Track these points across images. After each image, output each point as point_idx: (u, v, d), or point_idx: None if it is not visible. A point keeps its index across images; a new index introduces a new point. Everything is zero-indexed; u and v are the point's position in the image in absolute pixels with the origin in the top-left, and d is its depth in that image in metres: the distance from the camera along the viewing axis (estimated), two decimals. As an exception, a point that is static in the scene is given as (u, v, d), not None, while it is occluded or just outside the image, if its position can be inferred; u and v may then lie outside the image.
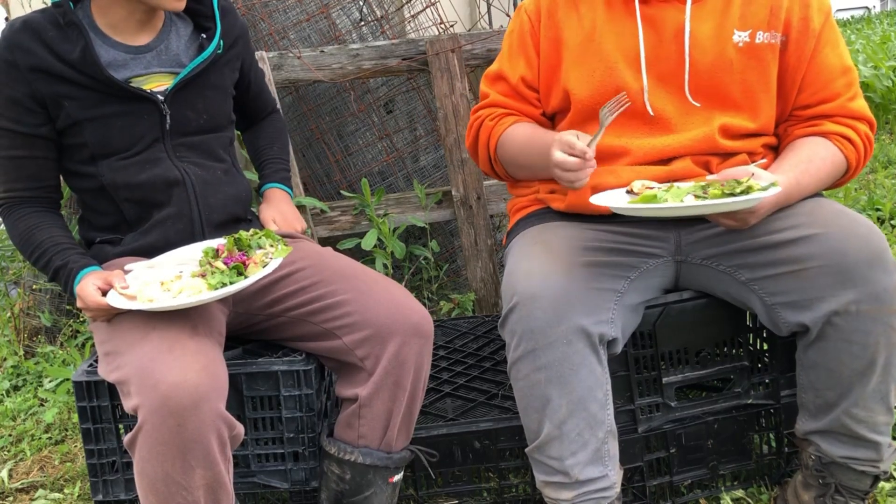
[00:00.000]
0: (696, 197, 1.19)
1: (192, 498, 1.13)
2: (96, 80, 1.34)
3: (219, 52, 1.47)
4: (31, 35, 1.31)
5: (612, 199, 1.27)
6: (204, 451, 1.12)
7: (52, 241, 1.35)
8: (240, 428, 1.21)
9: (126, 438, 1.17)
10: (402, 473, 1.43)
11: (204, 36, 1.47)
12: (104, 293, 1.26)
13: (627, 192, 1.30)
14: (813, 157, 1.37)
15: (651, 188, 1.27)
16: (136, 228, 1.43)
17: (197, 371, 1.13)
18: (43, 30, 1.32)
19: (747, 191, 1.17)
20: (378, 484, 1.39)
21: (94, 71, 1.33)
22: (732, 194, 1.17)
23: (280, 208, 1.63)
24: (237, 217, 1.52)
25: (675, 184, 1.29)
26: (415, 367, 1.35)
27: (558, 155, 1.25)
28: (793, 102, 1.42)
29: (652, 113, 1.39)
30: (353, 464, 1.37)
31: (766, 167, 1.35)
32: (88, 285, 1.27)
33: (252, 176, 2.25)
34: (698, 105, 1.39)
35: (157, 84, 1.41)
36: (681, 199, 1.19)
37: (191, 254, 1.34)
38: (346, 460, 1.37)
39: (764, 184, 1.19)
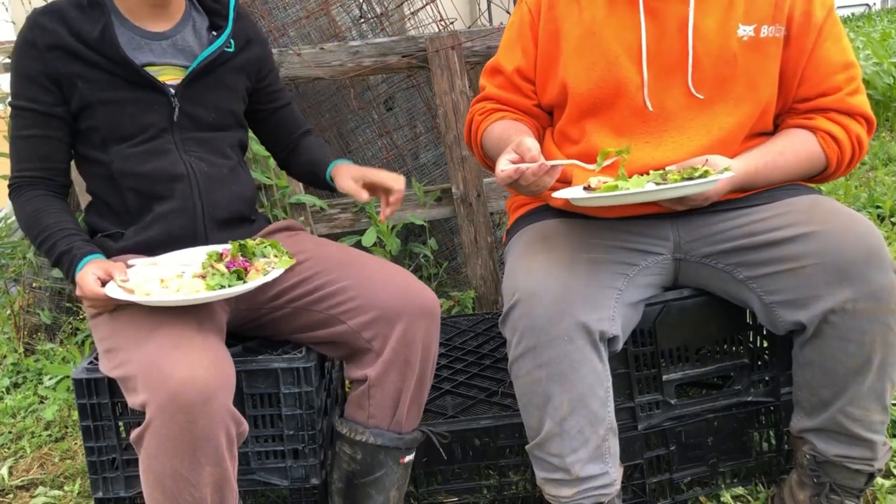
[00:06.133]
0: (657, 184, 1.21)
1: (200, 495, 1.13)
2: (112, 61, 1.37)
3: (229, 49, 1.49)
4: (52, 16, 1.36)
5: (572, 194, 1.27)
6: (213, 448, 1.12)
7: (58, 226, 1.35)
8: (245, 425, 1.21)
9: (133, 434, 1.16)
10: (413, 454, 1.44)
11: (214, 33, 1.50)
12: (104, 283, 1.26)
13: (585, 188, 1.28)
14: (785, 150, 1.39)
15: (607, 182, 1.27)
16: (137, 221, 1.43)
17: (206, 367, 1.13)
18: (66, 11, 1.37)
19: (704, 175, 1.21)
20: (389, 465, 1.40)
21: (110, 51, 1.36)
22: (691, 178, 1.21)
23: (360, 169, 1.54)
24: (241, 215, 1.52)
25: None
26: (423, 345, 1.36)
27: (499, 164, 1.24)
28: (793, 95, 1.42)
29: (651, 109, 1.39)
30: (364, 444, 1.38)
31: None
32: (88, 274, 1.26)
33: (258, 176, 2.25)
34: (701, 97, 1.38)
35: (171, 77, 1.43)
36: (641, 186, 1.21)
37: (195, 256, 1.35)
38: (358, 441, 1.39)
39: (719, 168, 1.24)
